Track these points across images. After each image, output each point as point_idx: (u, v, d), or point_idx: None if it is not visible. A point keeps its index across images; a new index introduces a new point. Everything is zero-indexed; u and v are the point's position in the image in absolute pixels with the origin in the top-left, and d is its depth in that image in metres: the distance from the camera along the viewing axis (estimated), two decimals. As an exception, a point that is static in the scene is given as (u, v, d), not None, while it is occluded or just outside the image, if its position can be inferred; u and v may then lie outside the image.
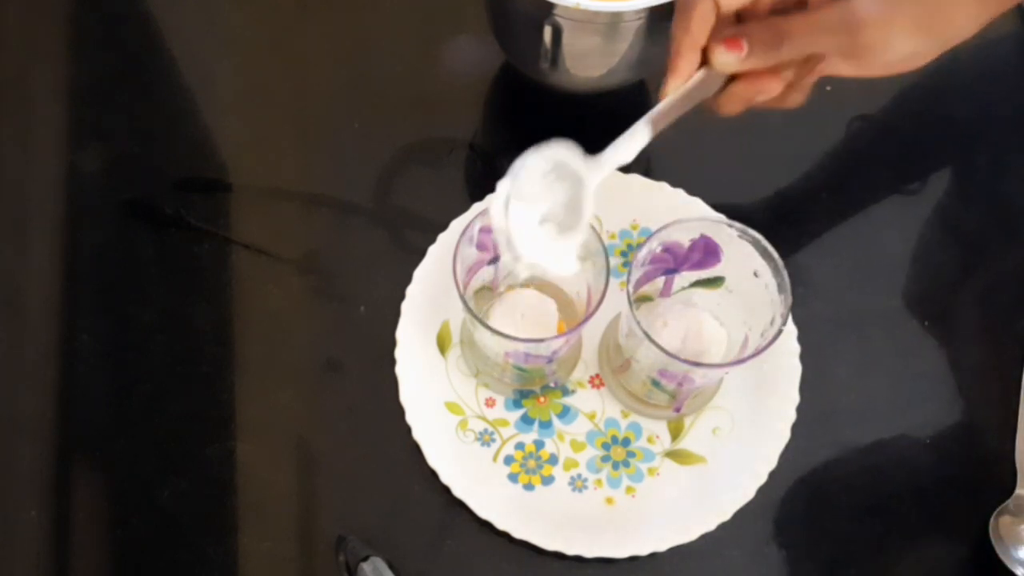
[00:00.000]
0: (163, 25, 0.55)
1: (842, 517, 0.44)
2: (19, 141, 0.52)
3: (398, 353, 0.45)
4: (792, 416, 0.44)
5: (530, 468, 0.44)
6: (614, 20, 0.41)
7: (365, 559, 0.40)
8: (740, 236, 0.38)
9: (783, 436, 0.44)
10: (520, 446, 0.45)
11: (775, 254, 0.38)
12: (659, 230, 0.39)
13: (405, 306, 0.46)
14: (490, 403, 0.45)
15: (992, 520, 0.43)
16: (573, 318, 0.45)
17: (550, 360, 0.43)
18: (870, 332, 0.48)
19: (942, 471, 0.45)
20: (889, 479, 0.45)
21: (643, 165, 0.50)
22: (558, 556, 0.43)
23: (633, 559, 0.43)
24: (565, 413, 0.45)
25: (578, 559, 0.42)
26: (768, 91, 0.37)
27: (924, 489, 0.45)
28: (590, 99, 0.53)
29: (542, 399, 0.46)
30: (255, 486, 0.44)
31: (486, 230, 0.40)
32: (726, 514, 0.43)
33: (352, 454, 0.45)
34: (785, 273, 0.38)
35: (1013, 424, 0.46)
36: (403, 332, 0.46)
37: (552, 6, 0.40)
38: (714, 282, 0.43)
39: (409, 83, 0.53)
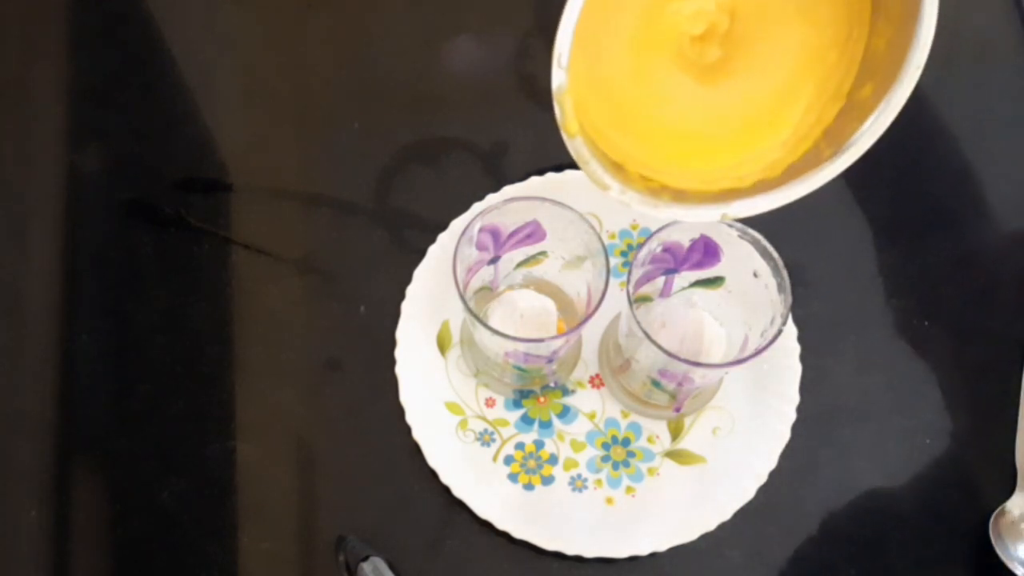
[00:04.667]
0: (163, 25, 0.55)
1: (842, 517, 0.44)
2: (19, 141, 0.52)
3: (398, 353, 0.45)
4: (792, 416, 0.44)
5: (530, 468, 0.44)
6: None
7: (365, 559, 0.40)
8: (740, 236, 0.38)
9: (783, 436, 0.44)
10: (520, 446, 0.45)
11: (775, 254, 0.38)
12: (659, 230, 0.39)
13: (405, 306, 0.46)
14: (490, 403, 0.45)
15: (992, 520, 0.43)
16: (573, 318, 0.45)
17: (550, 360, 0.43)
18: (870, 332, 0.48)
19: (942, 471, 0.45)
20: (889, 479, 0.45)
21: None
22: (558, 556, 0.43)
23: (633, 559, 0.43)
24: (565, 413, 0.45)
25: (578, 559, 0.42)
26: None
27: (924, 489, 0.45)
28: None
29: (542, 399, 0.46)
30: (255, 486, 0.44)
31: (486, 230, 0.40)
32: (726, 514, 0.43)
33: (352, 454, 0.45)
34: (785, 273, 0.38)
35: (1013, 424, 0.46)
36: (403, 332, 0.46)
37: None
38: (714, 282, 0.43)
39: (409, 83, 0.53)
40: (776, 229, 0.39)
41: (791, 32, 0.32)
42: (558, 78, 0.30)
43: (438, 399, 0.45)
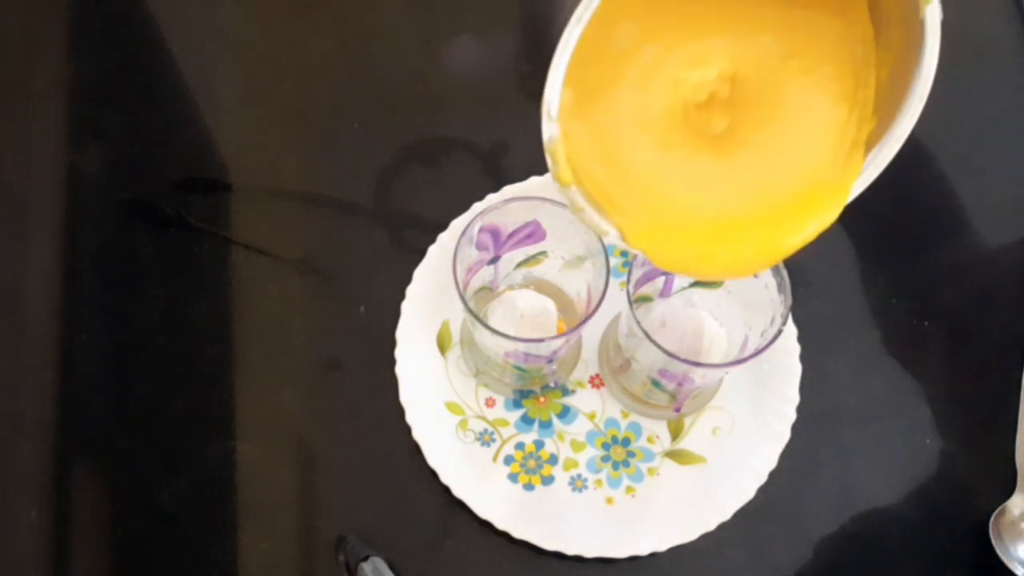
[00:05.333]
0: (163, 25, 0.55)
1: (842, 517, 0.44)
2: (19, 141, 0.52)
3: (398, 353, 0.45)
4: (792, 416, 0.44)
5: (530, 468, 0.44)
6: None
7: (365, 559, 0.40)
8: (740, 236, 0.38)
9: (783, 436, 0.44)
10: (520, 446, 0.45)
11: (775, 254, 0.38)
12: (659, 230, 0.38)
13: (405, 306, 0.46)
14: (490, 403, 0.45)
15: (992, 520, 0.43)
16: (573, 318, 0.45)
17: (550, 360, 0.43)
18: (870, 332, 0.48)
19: (942, 471, 0.45)
20: (889, 479, 0.45)
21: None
22: (558, 556, 0.43)
23: (633, 559, 0.43)
24: (565, 413, 0.45)
25: (578, 559, 0.42)
26: None
27: (924, 489, 0.45)
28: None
29: (542, 399, 0.46)
30: (255, 486, 0.44)
31: (486, 230, 0.40)
32: (726, 514, 0.43)
33: (352, 454, 0.45)
34: (785, 273, 0.38)
35: (1013, 424, 0.46)
36: (403, 332, 0.46)
37: None
38: (714, 282, 0.43)
39: (409, 83, 0.53)
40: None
41: (796, 96, 0.31)
42: (548, 130, 0.29)
43: (438, 399, 0.45)
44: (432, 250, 0.47)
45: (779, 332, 0.37)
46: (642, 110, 0.31)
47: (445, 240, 0.47)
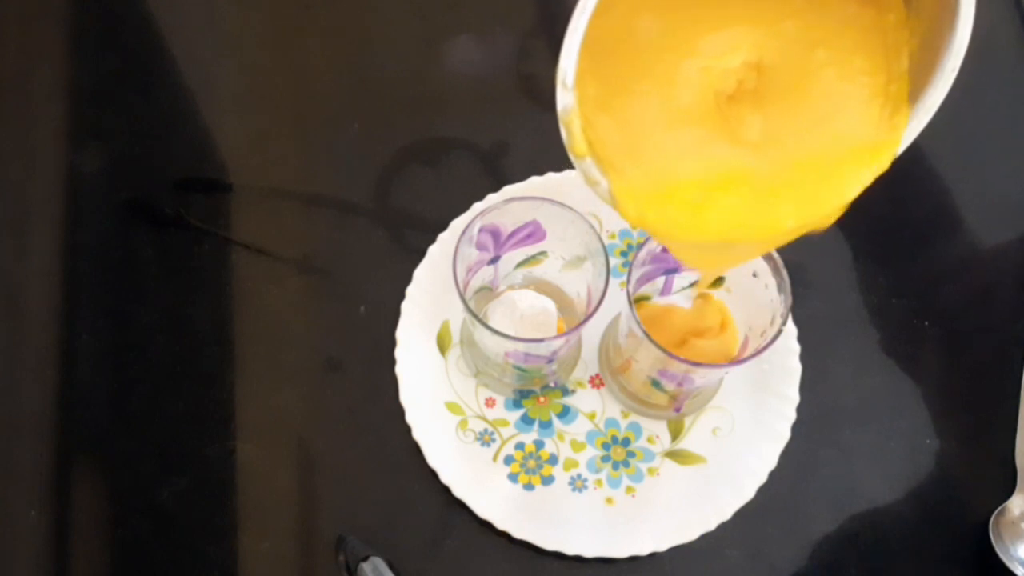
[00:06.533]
0: (163, 25, 0.55)
1: (842, 517, 0.44)
2: (19, 141, 0.52)
3: (398, 353, 0.45)
4: (792, 416, 0.44)
5: (530, 468, 0.44)
6: None
7: (365, 559, 0.40)
8: (740, 236, 0.38)
9: (783, 436, 0.44)
10: (520, 446, 0.45)
11: (775, 254, 0.38)
12: (659, 230, 0.38)
13: (405, 306, 0.46)
14: (490, 403, 0.45)
15: (992, 520, 0.43)
16: (573, 318, 0.45)
17: (550, 360, 0.43)
18: (870, 332, 0.48)
19: (942, 471, 0.45)
20: (889, 479, 0.45)
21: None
22: (558, 556, 0.43)
23: (633, 559, 0.43)
24: (565, 413, 0.45)
25: (578, 559, 0.42)
26: None
27: (924, 489, 0.45)
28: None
29: (542, 399, 0.46)
30: (255, 486, 0.44)
31: (486, 230, 0.40)
32: (726, 514, 0.43)
33: (352, 454, 0.45)
34: (785, 273, 0.37)
35: (1013, 424, 0.46)
36: (403, 332, 0.46)
37: None
38: (714, 282, 0.43)
39: (409, 83, 0.53)
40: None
41: (825, 89, 0.30)
42: (563, 100, 0.28)
43: (438, 399, 0.45)
44: (432, 250, 0.47)
45: (779, 332, 0.37)
46: (670, 101, 0.30)
47: (445, 240, 0.47)
